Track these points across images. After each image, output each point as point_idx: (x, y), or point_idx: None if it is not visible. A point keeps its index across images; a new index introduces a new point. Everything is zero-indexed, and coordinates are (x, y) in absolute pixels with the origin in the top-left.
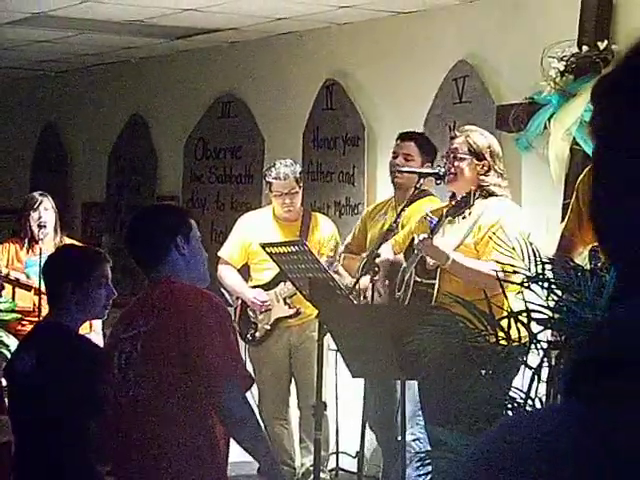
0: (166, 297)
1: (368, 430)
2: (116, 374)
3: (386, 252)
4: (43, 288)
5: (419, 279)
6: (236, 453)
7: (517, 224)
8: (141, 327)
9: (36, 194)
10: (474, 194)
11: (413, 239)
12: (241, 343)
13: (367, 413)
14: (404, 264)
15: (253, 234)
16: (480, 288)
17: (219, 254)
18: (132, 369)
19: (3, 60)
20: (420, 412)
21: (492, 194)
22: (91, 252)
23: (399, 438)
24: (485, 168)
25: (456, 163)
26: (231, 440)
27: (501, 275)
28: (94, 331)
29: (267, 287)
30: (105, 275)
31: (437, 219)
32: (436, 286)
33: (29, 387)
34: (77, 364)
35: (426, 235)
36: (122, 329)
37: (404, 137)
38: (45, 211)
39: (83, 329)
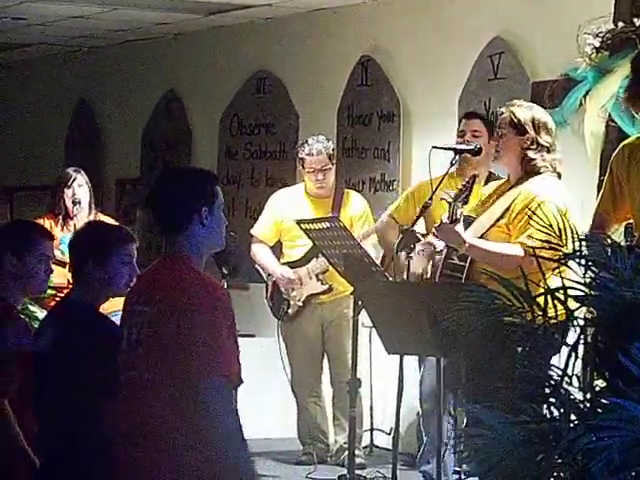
0: (172, 282)
1: (403, 407)
2: (125, 345)
3: (421, 229)
4: None
5: (451, 259)
6: (250, 431)
7: (555, 200)
8: (150, 305)
9: (70, 170)
10: (479, 178)
11: (423, 208)
12: (274, 321)
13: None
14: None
15: (285, 211)
16: (519, 266)
17: (252, 232)
18: (140, 345)
19: (38, 36)
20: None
21: (536, 171)
22: (116, 230)
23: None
24: (528, 142)
25: (500, 140)
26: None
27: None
28: None
29: (299, 264)
30: (129, 253)
31: (453, 203)
32: (467, 264)
33: (47, 363)
34: (92, 342)
35: (445, 218)
36: (135, 299)
37: (470, 115)
38: (79, 187)
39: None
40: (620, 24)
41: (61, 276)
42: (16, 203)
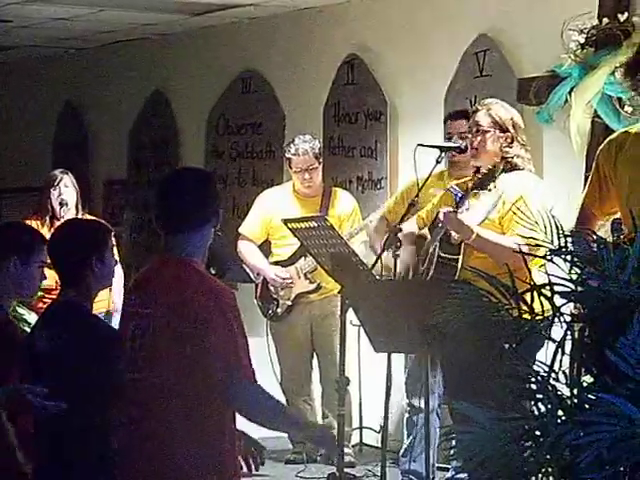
0: (181, 285)
1: (392, 405)
2: (127, 346)
3: (409, 226)
4: None
5: (443, 254)
6: (262, 430)
7: (540, 197)
8: (154, 306)
9: (57, 171)
10: (497, 167)
11: (438, 214)
12: (262, 320)
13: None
14: (428, 237)
15: (273, 210)
16: (505, 263)
17: (240, 230)
18: (143, 346)
19: (23, 38)
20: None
21: (515, 167)
22: (99, 224)
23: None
24: (508, 140)
25: (479, 137)
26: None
27: (525, 249)
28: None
29: (288, 262)
30: (111, 247)
31: (462, 192)
32: (460, 261)
33: (43, 364)
34: (89, 343)
35: (451, 208)
36: (138, 300)
37: (454, 116)
38: (65, 188)
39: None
40: (605, 20)
41: (50, 278)
42: (3, 205)
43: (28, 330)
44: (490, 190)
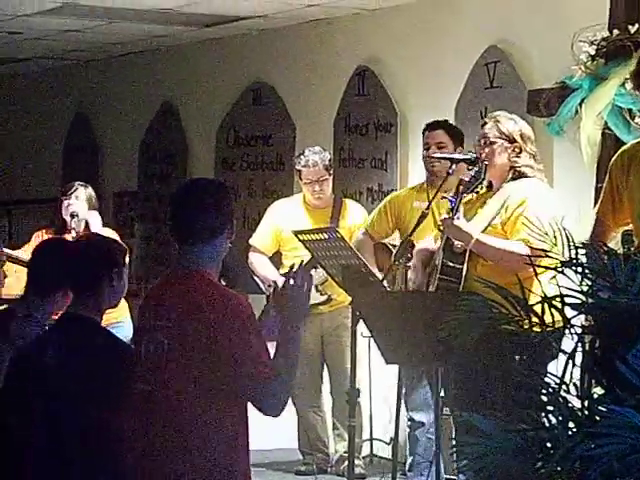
0: (195, 295)
1: (402, 416)
2: (142, 359)
3: (426, 242)
4: None
5: (447, 262)
6: (273, 441)
7: (547, 204)
8: (168, 319)
9: (75, 183)
10: (481, 170)
11: (420, 218)
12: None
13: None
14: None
15: (284, 221)
16: (509, 269)
17: (250, 242)
18: (158, 359)
19: (34, 50)
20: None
21: (523, 175)
22: (118, 243)
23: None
24: (517, 150)
25: (487, 149)
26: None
27: (527, 252)
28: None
29: None
30: (125, 265)
31: (455, 198)
32: (464, 270)
33: (53, 378)
34: (99, 356)
35: (446, 215)
36: (153, 313)
37: (432, 126)
38: (76, 200)
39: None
40: (615, 31)
41: None
42: (14, 217)
43: None
44: (478, 192)
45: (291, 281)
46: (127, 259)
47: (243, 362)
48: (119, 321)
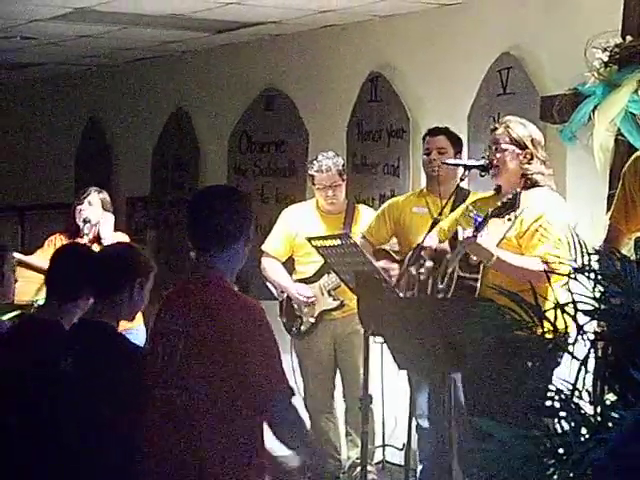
0: (212, 303)
1: (415, 422)
2: (159, 364)
3: (430, 241)
4: None
5: (463, 274)
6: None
7: (562, 215)
8: (185, 325)
9: (90, 188)
10: (519, 196)
11: (456, 231)
12: (286, 337)
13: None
14: (449, 254)
15: (297, 227)
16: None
17: (263, 248)
18: (174, 364)
19: (47, 55)
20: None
21: (535, 184)
22: (144, 259)
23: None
24: (528, 156)
25: (498, 155)
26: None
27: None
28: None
29: (311, 280)
30: (149, 287)
31: (482, 216)
32: (479, 279)
33: (67, 385)
34: (115, 361)
35: (470, 233)
36: (169, 317)
37: (433, 132)
38: (89, 205)
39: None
40: (628, 38)
41: None
42: (27, 222)
43: None
44: (510, 219)
45: None
46: (152, 281)
47: (256, 367)
48: (131, 328)
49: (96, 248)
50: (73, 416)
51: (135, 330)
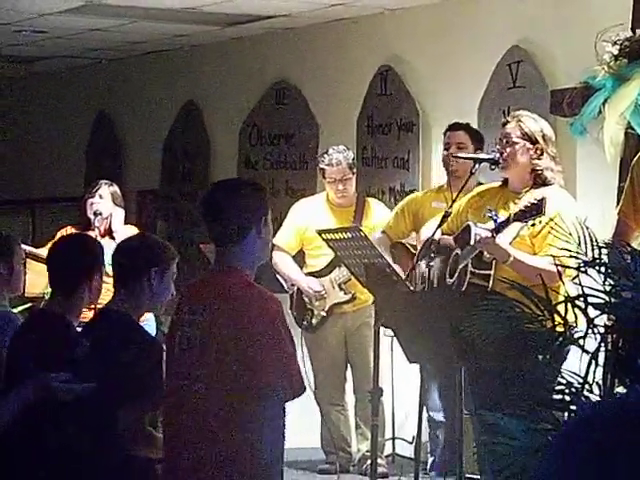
0: (227, 293)
1: (425, 415)
2: (176, 353)
3: (429, 231)
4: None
5: (474, 269)
6: (296, 440)
7: (574, 213)
8: (203, 315)
9: (101, 181)
10: (544, 204)
11: (467, 227)
12: (297, 330)
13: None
14: (457, 250)
15: (308, 220)
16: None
17: (274, 241)
18: (191, 354)
19: (58, 48)
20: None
21: (545, 181)
22: (168, 245)
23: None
24: (538, 152)
25: (508, 149)
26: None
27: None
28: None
29: (322, 273)
30: (175, 271)
31: (503, 218)
32: (492, 274)
33: (84, 373)
34: (131, 351)
35: (487, 233)
36: (187, 309)
37: (454, 127)
38: (100, 199)
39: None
40: (638, 31)
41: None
42: (38, 215)
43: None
44: (534, 225)
45: None
46: (175, 268)
47: (266, 362)
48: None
49: (107, 241)
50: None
51: (146, 321)
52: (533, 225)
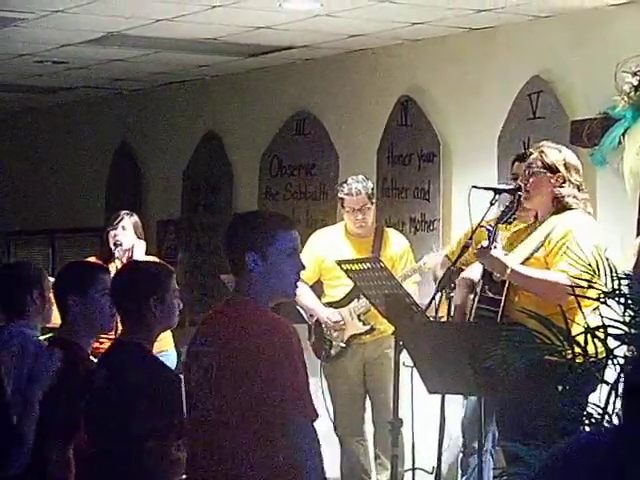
0: (239, 323)
1: (444, 446)
2: (192, 386)
3: (471, 271)
4: None
5: (487, 293)
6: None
7: (591, 236)
8: (219, 347)
9: (122, 212)
10: (516, 199)
11: (463, 248)
12: (316, 361)
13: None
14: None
15: (326, 250)
16: (550, 300)
17: None
18: (208, 386)
19: (78, 79)
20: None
21: (567, 207)
22: (162, 266)
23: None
24: (560, 180)
25: (531, 179)
26: None
27: (566, 281)
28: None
29: (341, 304)
30: (176, 287)
31: (492, 227)
32: (502, 299)
33: (102, 403)
34: (144, 383)
35: (485, 243)
36: (201, 341)
37: (521, 158)
38: (123, 230)
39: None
40: None
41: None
42: (58, 245)
43: None
44: (511, 222)
45: None
46: (175, 282)
47: (279, 391)
48: (163, 350)
49: None
50: (103, 437)
51: (166, 352)
52: (511, 222)
